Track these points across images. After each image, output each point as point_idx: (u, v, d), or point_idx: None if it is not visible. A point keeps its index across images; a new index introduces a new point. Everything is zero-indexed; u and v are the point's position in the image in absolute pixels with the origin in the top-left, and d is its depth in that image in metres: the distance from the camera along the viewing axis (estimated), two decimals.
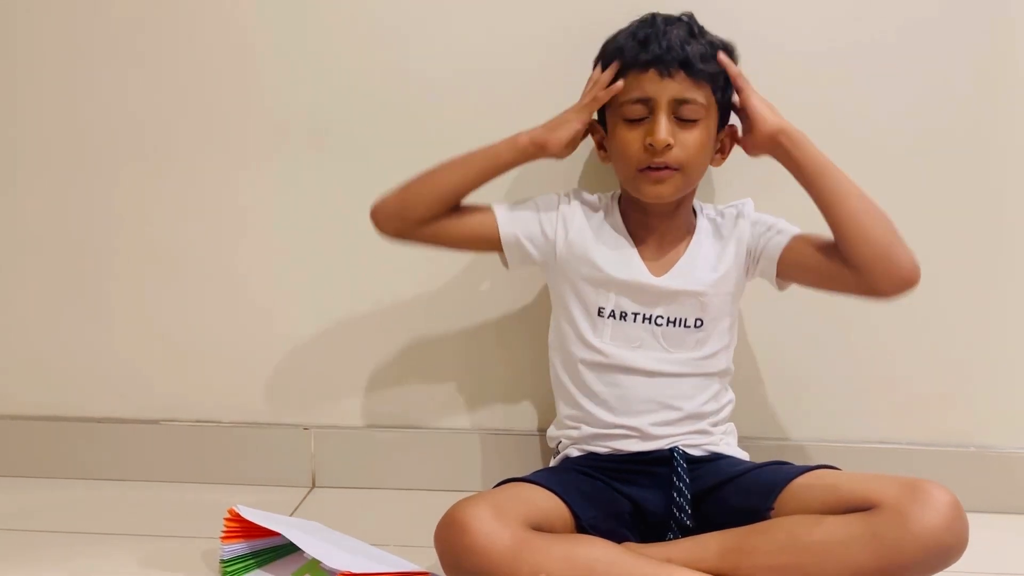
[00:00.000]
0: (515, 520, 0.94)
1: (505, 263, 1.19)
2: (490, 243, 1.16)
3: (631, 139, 1.09)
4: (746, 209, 1.17)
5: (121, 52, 1.33)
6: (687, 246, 1.15)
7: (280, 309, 1.38)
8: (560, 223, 1.15)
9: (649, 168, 1.08)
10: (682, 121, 1.08)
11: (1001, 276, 1.31)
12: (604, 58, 1.12)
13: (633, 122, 1.09)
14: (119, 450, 1.40)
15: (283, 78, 1.32)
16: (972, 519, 0.94)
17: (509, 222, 1.15)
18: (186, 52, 1.33)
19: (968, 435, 1.33)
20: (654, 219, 1.15)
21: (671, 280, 1.12)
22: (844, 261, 1.05)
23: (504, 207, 1.17)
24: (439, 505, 0.99)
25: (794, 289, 1.31)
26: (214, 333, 1.39)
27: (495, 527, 0.92)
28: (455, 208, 1.14)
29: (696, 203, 1.19)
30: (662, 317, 1.12)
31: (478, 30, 1.30)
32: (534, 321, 1.34)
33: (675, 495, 1.07)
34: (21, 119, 1.36)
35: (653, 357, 1.12)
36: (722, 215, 1.18)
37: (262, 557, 1.10)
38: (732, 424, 1.19)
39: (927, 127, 1.27)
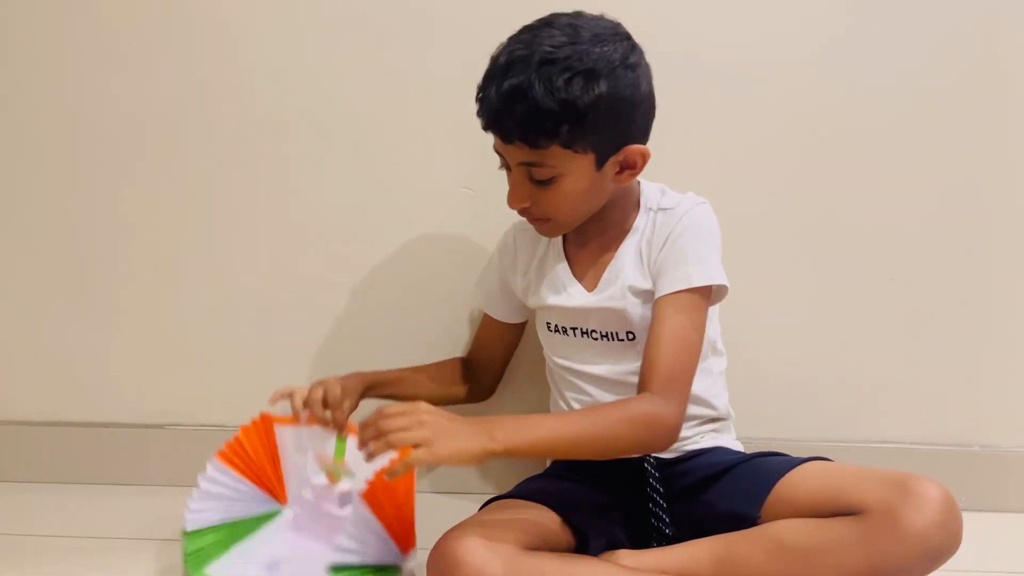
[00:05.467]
0: (507, 546, 0.93)
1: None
2: (509, 330, 1.27)
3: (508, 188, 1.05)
4: (686, 219, 1.06)
5: (124, 55, 1.34)
6: (614, 254, 1.09)
7: (282, 314, 1.38)
8: (511, 275, 1.21)
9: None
10: (537, 181, 1.01)
11: (1002, 273, 1.30)
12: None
13: (506, 170, 1.05)
14: (123, 455, 1.41)
15: (284, 81, 1.33)
16: (975, 518, 0.94)
17: (496, 311, 1.25)
18: (187, 54, 1.33)
19: (970, 434, 1.32)
20: (587, 225, 1.09)
21: (595, 297, 1.09)
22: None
23: (483, 299, 1.26)
24: (438, 507, 0.99)
25: (792, 287, 1.31)
26: (217, 337, 1.40)
27: (487, 558, 0.90)
28: (486, 358, 1.28)
29: (650, 191, 1.11)
30: (596, 331, 1.11)
31: (483, 30, 1.29)
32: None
33: (650, 505, 1.06)
34: (20, 123, 1.37)
35: (605, 368, 1.11)
36: (667, 213, 1.08)
37: (229, 530, 1.09)
38: (728, 422, 1.16)
39: (925, 126, 1.26)
